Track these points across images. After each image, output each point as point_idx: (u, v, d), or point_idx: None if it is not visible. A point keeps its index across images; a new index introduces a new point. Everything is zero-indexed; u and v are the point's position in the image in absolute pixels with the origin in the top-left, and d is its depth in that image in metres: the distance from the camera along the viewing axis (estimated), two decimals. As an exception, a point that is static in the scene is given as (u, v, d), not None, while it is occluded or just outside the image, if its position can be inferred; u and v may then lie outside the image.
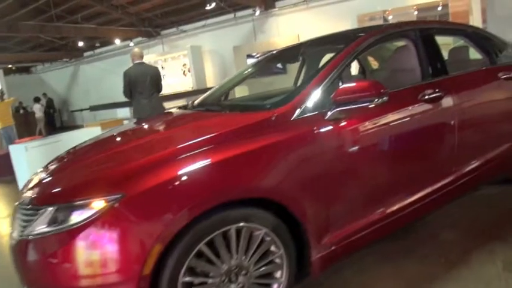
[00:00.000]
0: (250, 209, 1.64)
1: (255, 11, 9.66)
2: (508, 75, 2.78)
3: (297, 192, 1.71)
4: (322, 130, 1.80)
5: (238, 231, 1.60)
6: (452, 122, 2.33)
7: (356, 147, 1.90)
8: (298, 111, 1.82)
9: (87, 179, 1.61)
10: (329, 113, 1.84)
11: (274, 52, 3.11)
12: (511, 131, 2.83)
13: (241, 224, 1.59)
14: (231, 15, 10.44)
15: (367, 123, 1.93)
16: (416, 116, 2.15)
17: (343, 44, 2.16)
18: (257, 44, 10.01)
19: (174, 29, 11.54)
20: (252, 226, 1.62)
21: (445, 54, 3.22)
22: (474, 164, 2.57)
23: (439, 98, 2.24)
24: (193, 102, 2.84)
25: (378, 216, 2.02)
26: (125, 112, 6.30)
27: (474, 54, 3.09)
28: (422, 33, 2.45)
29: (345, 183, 1.88)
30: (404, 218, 2.14)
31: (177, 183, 1.49)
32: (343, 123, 1.86)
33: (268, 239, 1.67)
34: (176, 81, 11.20)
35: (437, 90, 2.24)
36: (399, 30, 2.47)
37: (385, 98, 1.81)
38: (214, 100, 2.83)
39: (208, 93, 3.03)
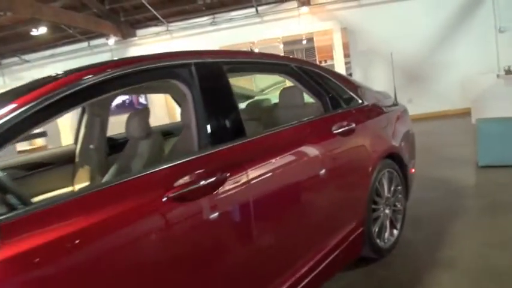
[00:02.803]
0: None
1: (108, 39, 8.38)
2: (345, 128, 1.99)
3: None
4: None
5: None
6: (251, 220, 1.41)
7: None
8: None
9: None
10: None
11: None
12: (355, 206, 2.06)
13: None
14: (85, 44, 8.99)
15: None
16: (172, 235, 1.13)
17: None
18: (116, 76, 8.69)
19: (16, 59, 9.58)
20: None
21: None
22: (306, 266, 1.71)
23: (218, 185, 1.28)
24: None
25: None
26: None
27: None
28: (201, 70, 1.50)
29: None
30: None
31: None
32: None
33: None
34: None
35: (212, 171, 1.28)
36: (133, 70, 1.31)
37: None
38: None
39: None
